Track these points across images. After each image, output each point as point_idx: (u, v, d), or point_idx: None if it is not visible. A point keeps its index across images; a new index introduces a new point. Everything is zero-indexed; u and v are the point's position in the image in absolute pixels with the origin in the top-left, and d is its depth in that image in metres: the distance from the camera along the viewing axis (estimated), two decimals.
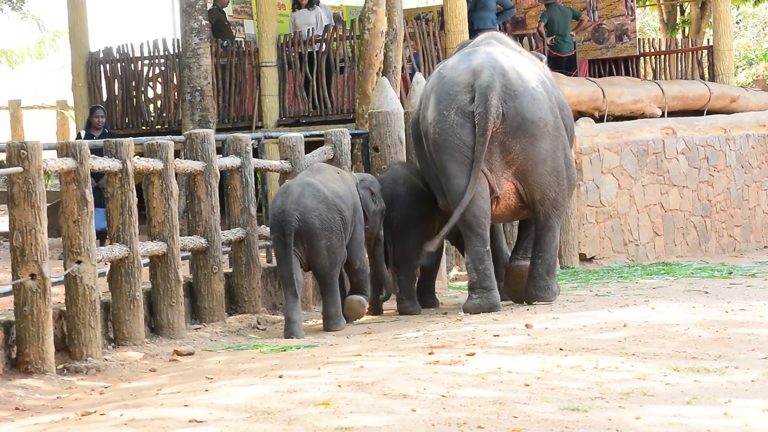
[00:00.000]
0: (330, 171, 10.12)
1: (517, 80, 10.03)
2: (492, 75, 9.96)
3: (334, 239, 9.60)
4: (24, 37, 31.87)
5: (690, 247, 15.62)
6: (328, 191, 9.70)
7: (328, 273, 9.64)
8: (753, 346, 7.36)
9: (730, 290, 10.71)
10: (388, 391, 6.16)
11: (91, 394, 7.03)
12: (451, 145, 9.98)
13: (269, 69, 16.05)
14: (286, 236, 9.42)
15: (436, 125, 10.10)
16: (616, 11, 18.78)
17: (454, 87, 10.10)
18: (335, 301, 9.65)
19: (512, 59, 10.24)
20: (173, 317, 8.99)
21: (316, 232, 9.51)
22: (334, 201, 9.67)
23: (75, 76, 17.48)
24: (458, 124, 9.97)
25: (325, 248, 9.56)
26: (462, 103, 9.99)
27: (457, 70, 10.20)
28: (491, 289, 9.93)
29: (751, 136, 16.94)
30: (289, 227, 9.42)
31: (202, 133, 9.72)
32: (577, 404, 5.84)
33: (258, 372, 7.10)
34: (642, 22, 33.98)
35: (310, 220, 9.48)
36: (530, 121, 9.96)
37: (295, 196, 9.55)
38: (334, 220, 9.61)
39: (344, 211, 9.72)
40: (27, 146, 7.52)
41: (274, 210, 9.59)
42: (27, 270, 7.52)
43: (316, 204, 9.55)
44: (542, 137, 10.01)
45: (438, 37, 15.35)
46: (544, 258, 10.18)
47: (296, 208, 9.48)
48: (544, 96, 10.12)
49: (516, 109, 9.94)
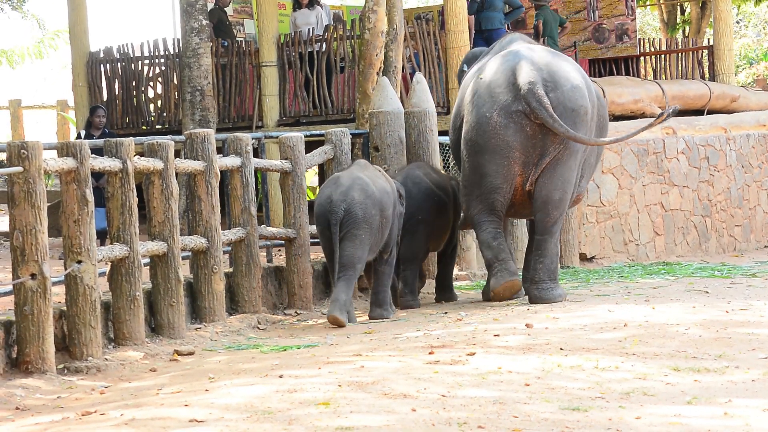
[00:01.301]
0: (374, 169, 10.43)
1: (555, 72, 10.18)
2: (532, 69, 10.12)
3: (371, 234, 9.84)
4: (24, 36, 31.88)
5: (690, 246, 15.62)
6: (376, 188, 9.98)
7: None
8: (753, 346, 7.36)
9: (730, 290, 10.71)
10: (388, 390, 6.17)
11: (91, 394, 7.03)
12: (494, 147, 10.14)
13: (269, 69, 16.05)
14: (332, 226, 9.73)
15: (478, 128, 10.25)
16: (616, 11, 18.79)
17: (495, 89, 10.23)
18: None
19: (546, 53, 10.42)
20: (173, 317, 8.98)
21: (358, 222, 9.75)
22: (380, 198, 9.96)
23: (75, 76, 17.48)
24: (501, 125, 10.14)
25: (359, 239, 9.76)
26: (504, 104, 10.15)
27: (495, 72, 10.34)
28: (507, 260, 10.19)
29: (752, 136, 16.94)
30: (335, 217, 9.73)
31: (202, 132, 9.72)
32: (577, 404, 5.84)
33: (258, 372, 7.10)
34: (642, 21, 33.97)
35: (355, 212, 9.76)
36: (572, 110, 10.11)
37: (344, 188, 9.86)
38: (374, 216, 9.86)
39: (385, 210, 10.01)
40: (27, 146, 7.51)
41: (321, 199, 9.92)
42: (27, 270, 7.52)
43: (363, 198, 9.83)
44: (582, 125, 10.15)
45: (438, 37, 15.35)
46: (545, 263, 10.24)
47: (343, 200, 9.78)
48: (582, 84, 10.26)
49: (558, 99, 10.07)
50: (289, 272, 10.70)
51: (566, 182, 10.24)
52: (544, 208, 10.23)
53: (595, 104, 10.42)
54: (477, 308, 10.07)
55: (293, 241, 10.70)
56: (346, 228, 9.73)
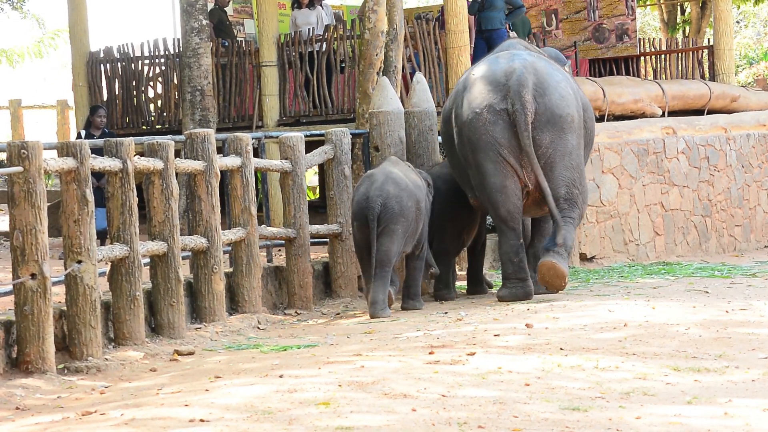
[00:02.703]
0: (405, 164, 10.89)
1: (546, 79, 10.60)
2: (524, 74, 10.51)
3: (405, 228, 10.22)
4: (24, 36, 31.86)
5: (690, 246, 15.61)
6: (409, 181, 10.42)
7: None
8: (753, 346, 7.37)
9: (730, 290, 10.71)
10: (388, 390, 6.17)
11: (91, 394, 7.03)
12: (485, 144, 10.53)
13: (270, 68, 16.05)
14: (370, 221, 10.08)
15: (469, 123, 10.63)
16: (616, 11, 18.78)
17: (486, 86, 10.64)
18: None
19: (540, 61, 10.80)
20: (173, 317, 8.98)
21: (395, 216, 10.14)
22: (414, 191, 10.38)
23: (75, 76, 17.47)
24: (490, 122, 10.53)
25: (395, 233, 10.15)
26: (494, 102, 10.55)
27: (490, 71, 10.74)
28: (525, 279, 10.54)
29: (752, 136, 16.93)
30: (372, 213, 10.10)
31: (202, 132, 9.72)
32: (577, 404, 5.85)
33: (258, 372, 7.10)
34: (642, 21, 33.98)
35: (391, 205, 10.16)
36: (559, 116, 10.53)
37: (379, 183, 10.24)
38: (410, 209, 10.26)
39: (420, 202, 10.44)
40: (27, 146, 7.52)
41: (358, 196, 10.28)
42: (27, 270, 7.52)
43: (398, 191, 10.22)
44: (570, 132, 10.58)
45: (438, 37, 15.34)
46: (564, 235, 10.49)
47: (379, 195, 10.16)
48: (570, 94, 10.69)
49: (546, 104, 10.50)
50: (289, 272, 10.71)
51: (568, 179, 10.54)
52: (556, 203, 10.48)
53: (582, 116, 10.80)
54: (477, 308, 10.07)
55: (293, 240, 10.70)
56: (383, 223, 10.11)
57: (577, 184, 10.62)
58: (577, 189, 10.61)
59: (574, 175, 10.59)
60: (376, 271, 10.08)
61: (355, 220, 10.31)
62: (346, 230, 11.30)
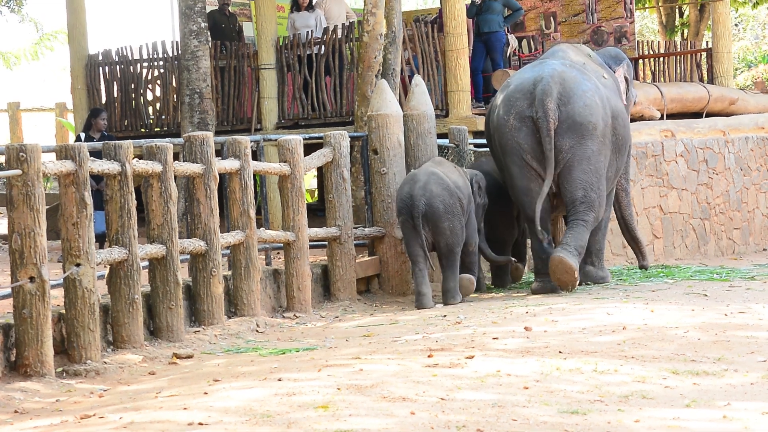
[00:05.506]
0: (449, 164, 11.56)
1: (572, 87, 11.24)
2: (549, 83, 11.18)
3: (455, 221, 10.98)
4: (23, 39, 31.85)
5: (689, 249, 15.61)
6: (450, 180, 11.06)
7: (452, 251, 11.02)
8: (752, 349, 7.37)
9: (729, 293, 10.70)
10: (387, 394, 6.17)
11: (90, 397, 7.03)
12: (511, 148, 11.28)
13: (268, 71, 16.05)
14: (414, 219, 10.84)
15: (499, 128, 11.38)
16: (614, 13, 18.78)
17: (515, 94, 11.34)
18: (454, 277, 11.03)
19: (572, 70, 11.44)
20: (172, 320, 8.98)
21: (441, 215, 10.91)
22: (455, 189, 11.04)
23: (74, 79, 17.47)
24: (515, 128, 11.24)
25: (448, 229, 10.95)
26: (520, 109, 11.26)
27: (521, 80, 11.46)
28: None
29: (750, 139, 16.93)
30: (417, 211, 10.83)
31: (201, 135, 9.71)
32: (576, 407, 5.85)
33: (257, 375, 7.10)
34: (641, 24, 33.98)
35: (435, 204, 10.89)
36: (579, 123, 11.17)
37: (421, 183, 10.94)
38: (455, 205, 10.98)
39: (462, 198, 11.09)
40: (26, 149, 7.51)
41: (402, 195, 11.02)
42: (26, 273, 7.52)
43: (440, 190, 10.93)
44: (590, 138, 11.20)
45: (437, 40, 15.34)
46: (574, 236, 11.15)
47: (423, 194, 10.88)
48: (597, 104, 11.29)
49: (568, 112, 11.16)
50: (288, 275, 10.70)
51: (586, 182, 11.20)
52: (571, 205, 11.25)
53: (609, 123, 11.39)
54: (476, 311, 10.07)
55: (292, 244, 10.70)
56: (432, 223, 10.89)
57: (595, 188, 11.22)
58: (594, 193, 11.22)
59: (591, 179, 11.21)
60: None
61: (400, 215, 11.06)
62: (344, 233, 11.31)
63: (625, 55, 12.79)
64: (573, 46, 12.37)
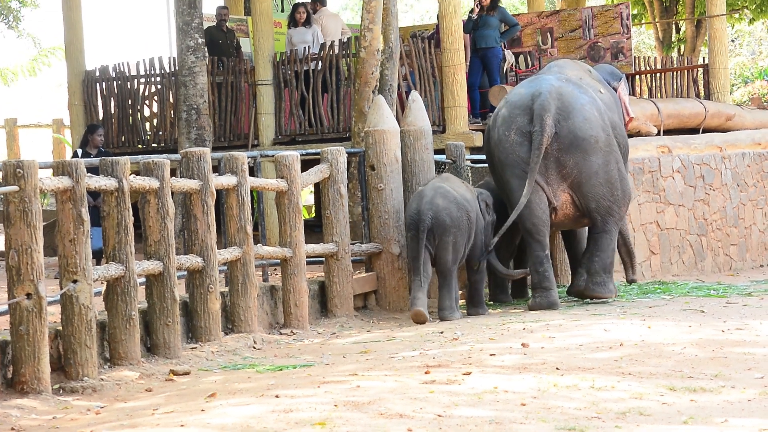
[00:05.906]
0: (456, 179, 11.68)
1: (570, 102, 11.46)
2: (548, 98, 11.37)
3: (459, 237, 11.09)
4: (20, 55, 31.88)
5: (686, 265, 15.60)
6: (458, 194, 11.21)
7: (449, 269, 11.09)
8: (749, 366, 7.36)
9: (726, 309, 10.70)
10: (384, 410, 6.16)
11: (86, 414, 7.02)
12: (512, 162, 11.44)
13: (265, 87, 16.06)
14: (420, 232, 10.94)
15: (499, 144, 11.55)
16: (611, 29, 18.80)
17: (515, 110, 11.52)
18: (450, 295, 11.08)
19: (569, 85, 11.64)
20: (169, 336, 8.97)
21: (447, 228, 11.03)
22: (463, 202, 11.20)
23: (71, 95, 17.47)
24: (517, 143, 11.43)
25: (451, 244, 11.05)
26: (520, 124, 11.44)
27: (519, 95, 11.64)
28: (550, 288, 11.45)
29: (747, 155, 16.94)
30: (423, 225, 10.95)
31: (198, 151, 9.71)
32: (573, 424, 5.84)
33: (254, 391, 7.09)
34: (638, 40, 34.05)
35: (442, 218, 11.01)
36: (582, 138, 11.40)
37: (428, 198, 11.09)
38: (461, 219, 11.10)
39: (470, 213, 11.22)
40: (23, 165, 7.52)
41: (410, 212, 11.16)
42: (23, 289, 7.52)
43: (447, 204, 11.08)
44: (594, 152, 11.45)
45: (434, 55, 15.35)
46: (601, 257, 11.60)
47: (430, 208, 11.02)
48: (596, 116, 11.51)
49: (569, 128, 11.38)
50: (285, 291, 10.69)
51: (597, 194, 11.45)
52: (589, 216, 11.58)
53: (610, 134, 11.60)
54: (473, 327, 10.07)
55: (289, 260, 10.69)
56: (438, 237, 11.00)
57: (608, 196, 11.49)
58: (607, 200, 11.49)
59: (602, 190, 11.46)
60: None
61: (408, 230, 11.21)
62: (341, 249, 11.30)
63: (621, 71, 12.86)
64: (571, 62, 12.54)
